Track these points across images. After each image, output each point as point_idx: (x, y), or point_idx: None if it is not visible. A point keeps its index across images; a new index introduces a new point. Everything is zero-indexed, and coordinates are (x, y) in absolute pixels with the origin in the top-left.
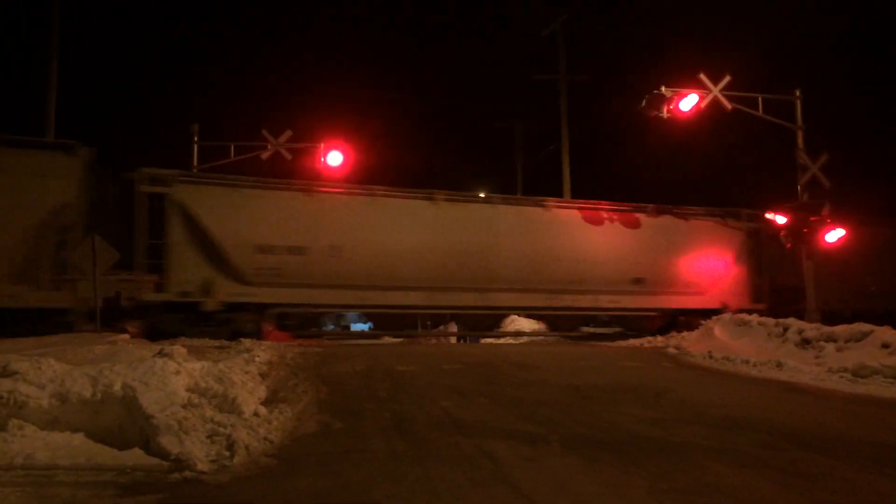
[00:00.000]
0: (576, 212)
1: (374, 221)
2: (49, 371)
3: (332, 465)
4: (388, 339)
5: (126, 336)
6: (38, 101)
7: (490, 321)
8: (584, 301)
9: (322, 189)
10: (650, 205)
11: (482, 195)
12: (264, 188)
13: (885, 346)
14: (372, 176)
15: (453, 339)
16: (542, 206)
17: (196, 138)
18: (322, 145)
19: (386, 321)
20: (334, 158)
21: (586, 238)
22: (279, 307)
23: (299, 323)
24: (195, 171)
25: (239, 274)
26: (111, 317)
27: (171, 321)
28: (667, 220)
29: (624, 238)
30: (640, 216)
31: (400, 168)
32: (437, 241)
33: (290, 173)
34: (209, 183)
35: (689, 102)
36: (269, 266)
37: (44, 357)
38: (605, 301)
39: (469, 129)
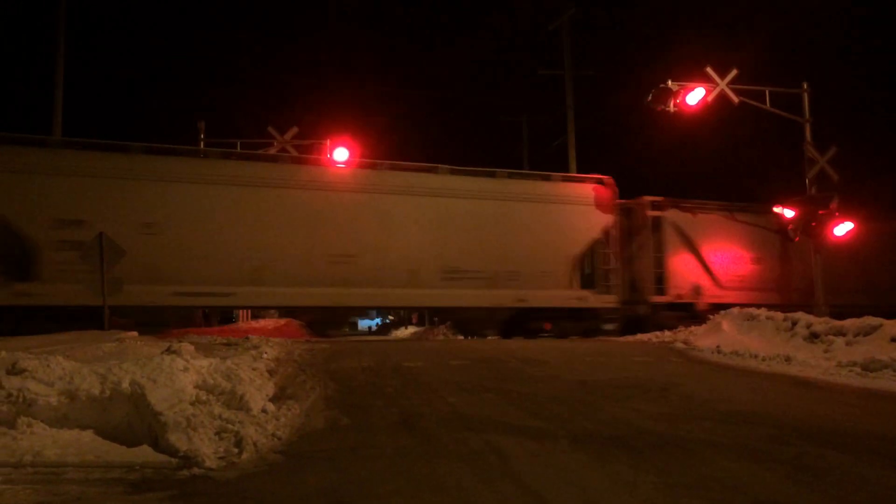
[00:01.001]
0: None
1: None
2: (58, 369)
3: (340, 461)
4: None
5: (134, 333)
6: (43, 97)
7: None
8: None
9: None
10: None
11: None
12: (724, 209)
13: (895, 339)
14: None
15: None
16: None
17: (202, 135)
18: (328, 141)
19: None
20: (340, 154)
21: None
22: (737, 306)
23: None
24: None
25: (716, 280)
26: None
27: (671, 318)
28: None
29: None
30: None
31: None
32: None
33: None
34: (692, 208)
35: (695, 96)
36: (738, 274)
37: (52, 355)
38: None
39: (476, 122)
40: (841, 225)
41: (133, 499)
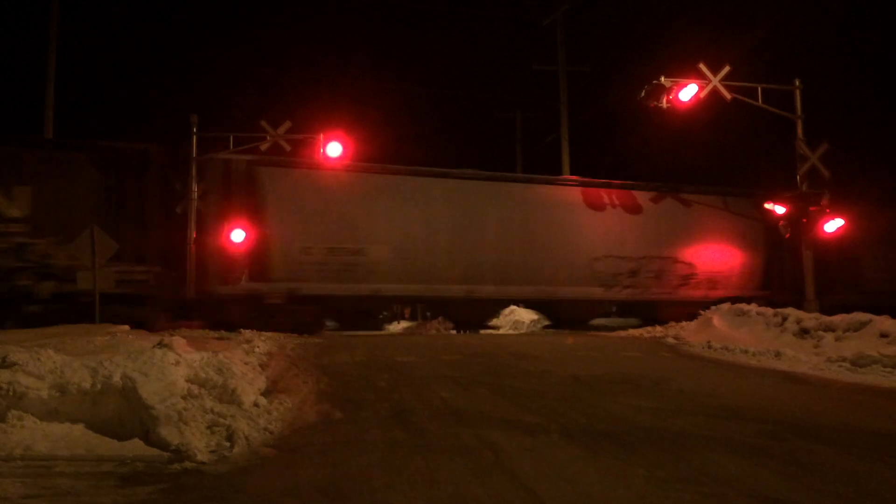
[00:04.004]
0: None
1: None
2: (48, 362)
3: (332, 456)
4: None
5: (125, 327)
6: (34, 90)
7: None
8: None
9: None
10: None
11: None
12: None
13: (884, 335)
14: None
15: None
16: None
17: (195, 129)
18: (321, 136)
19: None
20: (333, 149)
21: None
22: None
23: None
24: None
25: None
26: None
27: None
28: None
29: None
30: None
31: (400, 156)
32: None
33: None
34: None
35: (688, 92)
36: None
37: (43, 348)
38: None
39: (470, 118)
40: (831, 221)
41: (124, 492)
